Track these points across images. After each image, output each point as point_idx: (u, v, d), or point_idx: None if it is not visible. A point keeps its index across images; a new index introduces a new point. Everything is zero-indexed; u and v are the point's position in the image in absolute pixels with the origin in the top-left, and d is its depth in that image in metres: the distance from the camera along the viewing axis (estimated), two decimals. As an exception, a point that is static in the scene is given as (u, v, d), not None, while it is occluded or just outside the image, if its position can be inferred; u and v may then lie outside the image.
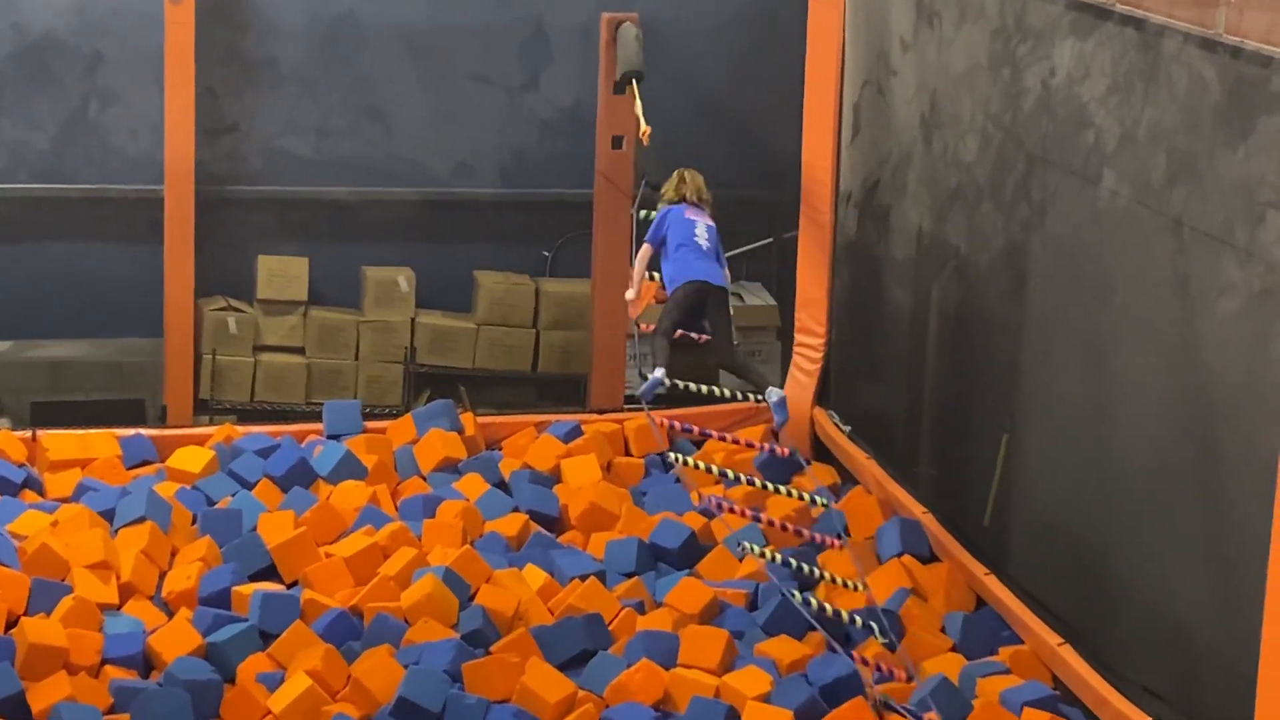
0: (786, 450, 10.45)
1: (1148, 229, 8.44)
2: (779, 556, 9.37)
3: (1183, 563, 8.31)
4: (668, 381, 9.69)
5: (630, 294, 10.17)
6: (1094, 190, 8.85)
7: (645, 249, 10.06)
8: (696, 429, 10.57)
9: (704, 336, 10.26)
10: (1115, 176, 8.69)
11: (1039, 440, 9.50)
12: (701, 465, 10.10)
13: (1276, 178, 7.52)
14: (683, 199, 10.11)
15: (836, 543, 9.69)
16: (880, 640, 8.95)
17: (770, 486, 10.02)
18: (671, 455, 10.02)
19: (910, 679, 8.77)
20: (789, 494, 10.01)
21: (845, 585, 9.43)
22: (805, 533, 9.77)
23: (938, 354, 10.55)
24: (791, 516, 10.11)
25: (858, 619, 9.02)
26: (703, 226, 9.96)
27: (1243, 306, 7.80)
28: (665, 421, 10.40)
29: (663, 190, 10.24)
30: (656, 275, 10.15)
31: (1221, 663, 7.99)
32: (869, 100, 11.30)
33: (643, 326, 10.51)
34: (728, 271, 10.10)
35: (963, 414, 10.27)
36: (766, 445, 10.53)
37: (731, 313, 10.14)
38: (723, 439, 10.51)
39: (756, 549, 9.30)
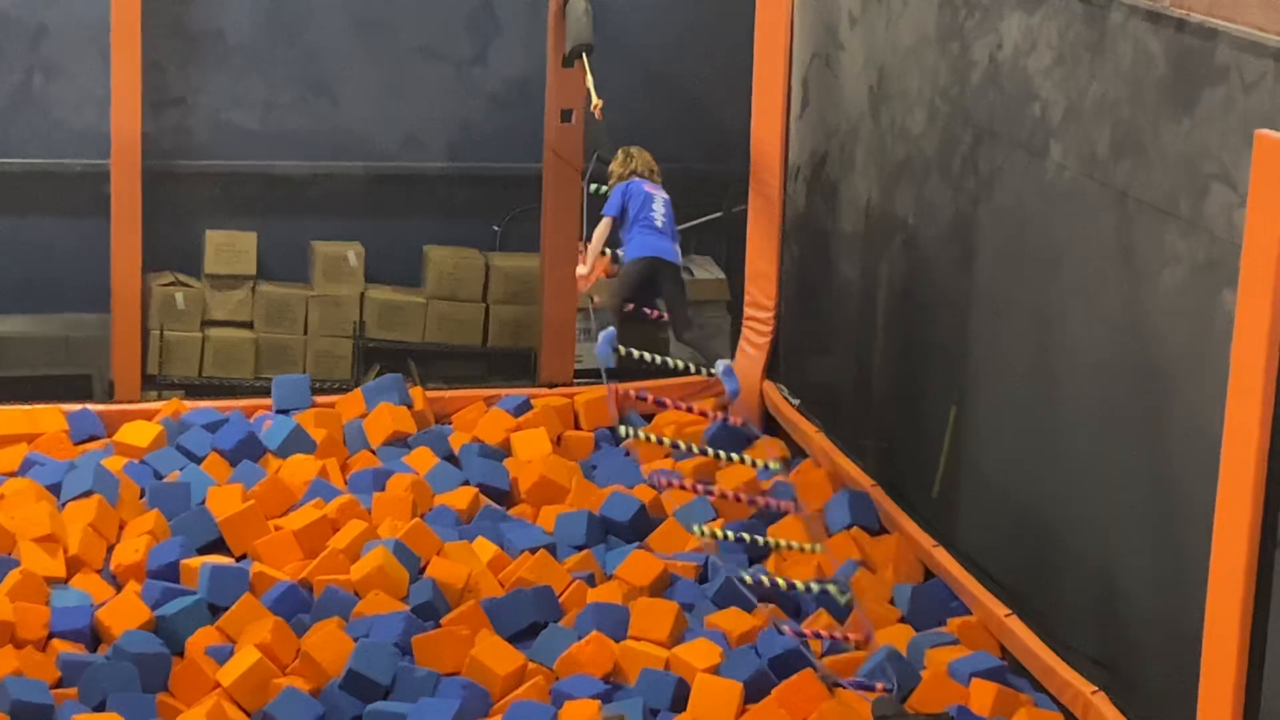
0: (740, 420, 10.42)
1: (1094, 201, 8.49)
2: (730, 534, 9.38)
3: (1128, 533, 8.37)
4: (621, 349, 9.65)
5: (582, 269, 10.14)
6: (1041, 163, 8.90)
7: (605, 222, 9.98)
8: (651, 397, 10.52)
9: (657, 313, 10.25)
10: (1062, 149, 8.73)
11: (987, 412, 9.55)
12: (652, 438, 10.08)
13: (1220, 150, 7.57)
14: (634, 174, 10.09)
15: (790, 506, 9.74)
16: (841, 599, 8.98)
17: (724, 456, 10.02)
18: (622, 429, 9.95)
19: (868, 640, 8.81)
20: (748, 462, 10.02)
21: (801, 549, 9.46)
22: (760, 500, 9.79)
23: (886, 327, 10.59)
24: (743, 487, 10.12)
25: (813, 585, 9.05)
26: (660, 201, 9.93)
27: (1187, 278, 7.85)
28: (625, 391, 10.34)
29: (610, 168, 10.21)
30: (608, 251, 10.13)
31: (1166, 632, 8.05)
32: (817, 74, 11.32)
33: (596, 301, 10.49)
34: (678, 247, 10.09)
35: (911, 387, 10.31)
36: (720, 415, 10.54)
37: (686, 289, 10.10)
38: (678, 407, 10.49)
39: (707, 531, 9.32)
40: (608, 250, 10.09)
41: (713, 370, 9.70)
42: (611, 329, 9.52)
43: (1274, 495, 6.90)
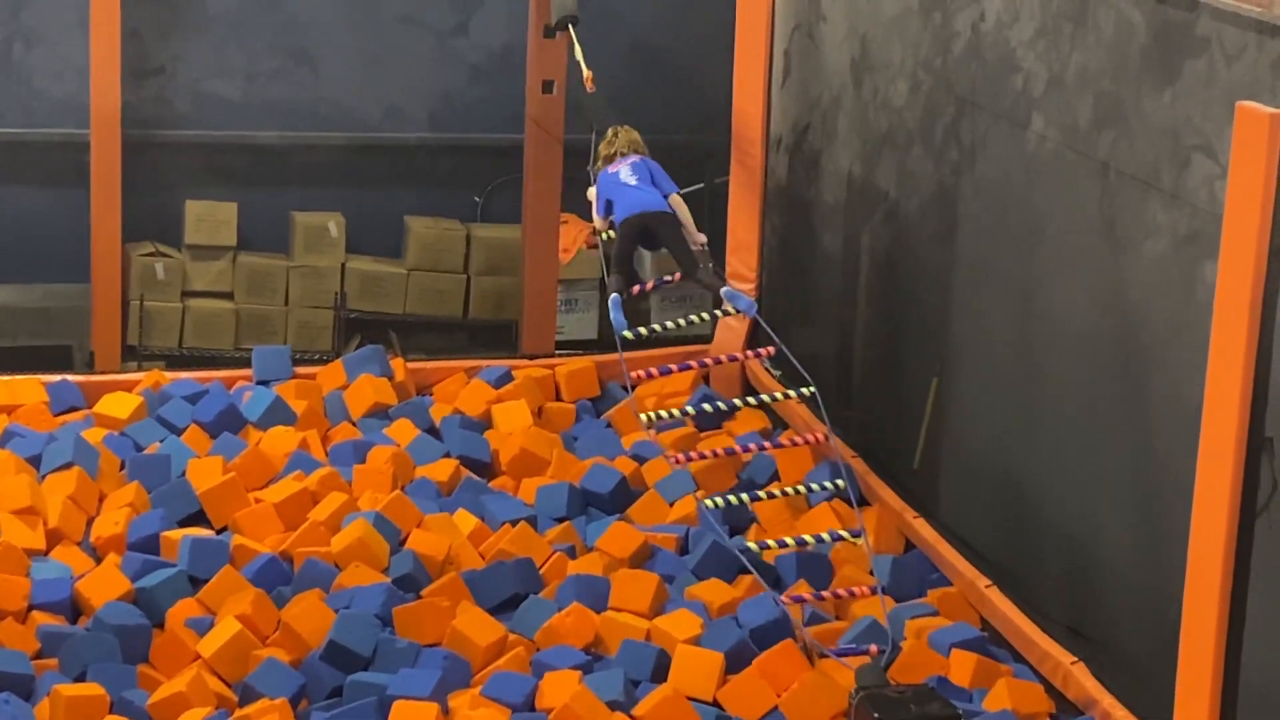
0: (769, 352, 10.23)
1: (1076, 172, 8.48)
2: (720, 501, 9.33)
3: (1109, 505, 8.39)
4: (643, 330, 9.59)
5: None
6: (1023, 134, 8.89)
7: (599, 220, 9.98)
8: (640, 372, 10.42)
9: (636, 288, 10.20)
10: (1044, 120, 8.73)
11: (968, 384, 9.55)
12: (666, 414, 9.90)
13: (1202, 121, 7.57)
14: (618, 154, 10.05)
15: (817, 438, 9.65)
16: (855, 540, 9.03)
17: (738, 403, 9.93)
18: (643, 419, 9.77)
19: (875, 590, 8.78)
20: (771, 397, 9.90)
21: (794, 492, 9.41)
22: (752, 447, 9.71)
23: (868, 298, 10.59)
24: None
25: (826, 536, 9.03)
26: (627, 167, 9.90)
27: (1168, 249, 7.86)
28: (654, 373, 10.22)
29: (599, 149, 10.19)
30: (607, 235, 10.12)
31: (1146, 603, 8.07)
32: (800, 45, 11.30)
33: (635, 290, 10.31)
34: (673, 192, 9.93)
35: (893, 358, 10.32)
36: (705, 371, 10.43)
37: (688, 228, 9.84)
38: (689, 367, 10.38)
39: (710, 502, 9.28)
40: (606, 234, 10.08)
41: (724, 300, 9.63)
42: (617, 295, 9.50)
43: (1253, 466, 6.91)
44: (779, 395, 9.94)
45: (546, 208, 11.84)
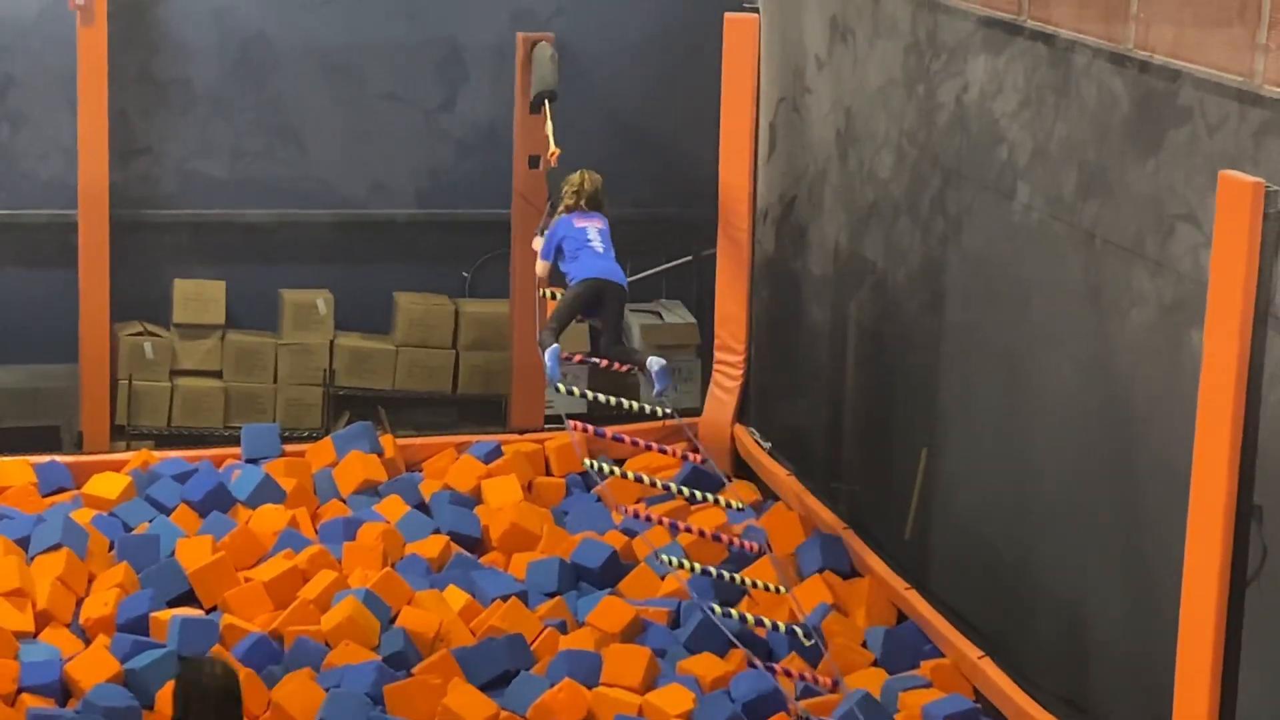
0: (700, 459, 10.38)
1: (1061, 242, 8.51)
2: (698, 567, 9.34)
3: (1100, 574, 8.37)
4: (575, 390, 9.58)
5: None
6: (1008, 204, 8.92)
7: (542, 265, 10.07)
8: (628, 439, 10.40)
9: (627, 366, 10.22)
10: (1029, 190, 8.76)
11: (957, 454, 9.55)
12: (626, 474, 9.93)
13: (1185, 189, 7.60)
14: (580, 205, 10.11)
15: (754, 547, 9.68)
16: (806, 642, 8.95)
17: (699, 496, 9.93)
18: (588, 462, 9.79)
19: (835, 686, 8.77)
20: (718, 502, 9.93)
21: (770, 589, 9.40)
22: (724, 538, 9.72)
23: (856, 369, 10.59)
24: (716, 528, 10.08)
25: (780, 625, 9.01)
26: (595, 231, 9.96)
27: (1154, 317, 7.87)
28: (588, 428, 10.23)
29: (563, 189, 10.22)
30: (549, 293, 10.18)
31: (1139, 672, 8.05)
32: (785, 118, 11.34)
33: (577, 357, 10.42)
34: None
35: (882, 429, 10.31)
36: (686, 458, 10.49)
37: (624, 310, 10.06)
38: (647, 447, 10.38)
39: (676, 561, 9.29)
40: (552, 294, 10.14)
41: (647, 369, 9.68)
42: (556, 345, 9.57)
43: (1243, 534, 6.91)
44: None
45: (534, 282, 11.83)
